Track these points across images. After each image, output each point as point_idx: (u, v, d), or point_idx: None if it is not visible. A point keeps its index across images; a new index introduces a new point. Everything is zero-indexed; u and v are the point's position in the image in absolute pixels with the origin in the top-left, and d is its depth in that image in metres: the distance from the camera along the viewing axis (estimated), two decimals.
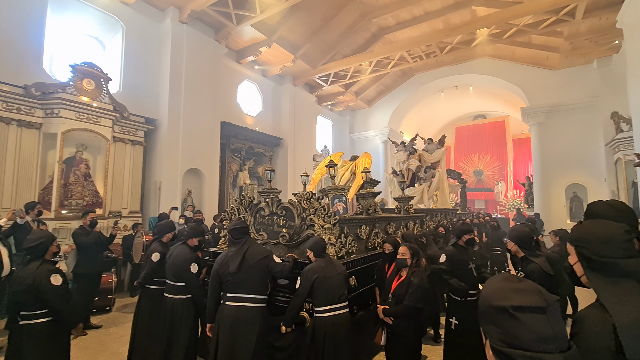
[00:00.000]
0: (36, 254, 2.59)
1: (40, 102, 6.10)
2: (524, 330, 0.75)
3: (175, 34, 8.44)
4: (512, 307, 0.76)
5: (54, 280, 2.51)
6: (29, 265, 2.55)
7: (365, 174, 5.20)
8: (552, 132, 11.83)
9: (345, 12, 10.55)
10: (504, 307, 0.78)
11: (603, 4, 8.36)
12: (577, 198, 11.55)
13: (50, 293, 2.47)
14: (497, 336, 0.78)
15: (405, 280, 2.88)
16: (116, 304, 5.67)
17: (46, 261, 2.62)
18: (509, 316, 0.77)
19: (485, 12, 9.98)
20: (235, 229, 2.91)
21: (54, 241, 2.73)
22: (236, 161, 10.69)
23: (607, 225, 1.19)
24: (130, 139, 7.58)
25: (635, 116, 7.63)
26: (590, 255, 1.14)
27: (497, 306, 0.79)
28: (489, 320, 0.81)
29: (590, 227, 1.21)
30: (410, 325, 2.85)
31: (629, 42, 7.72)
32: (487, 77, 13.34)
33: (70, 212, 6.23)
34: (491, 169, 19.76)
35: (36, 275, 2.46)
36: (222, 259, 2.83)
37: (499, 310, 0.79)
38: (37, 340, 2.47)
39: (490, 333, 0.81)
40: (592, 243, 1.15)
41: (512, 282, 0.84)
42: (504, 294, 0.80)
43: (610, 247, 1.11)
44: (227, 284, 2.75)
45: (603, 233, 1.15)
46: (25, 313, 2.48)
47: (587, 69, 11.16)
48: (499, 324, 0.79)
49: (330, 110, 15.84)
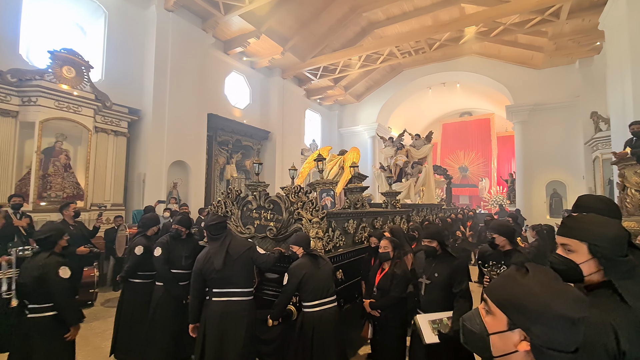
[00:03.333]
0: (45, 247, 2.53)
1: (17, 89, 5.83)
2: (574, 336, 0.76)
3: (161, 22, 8.19)
4: (579, 319, 0.76)
5: (63, 273, 2.45)
6: (38, 256, 2.49)
7: (354, 168, 5.22)
8: (535, 130, 12.14)
9: (335, 5, 10.46)
10: (570, 317, 0.76)
11: (586, 5, 8.57)
12: (556, 195, 11.93)
13: (57, 286, 2.41)
14: (545, 338, 0.77)
15: (389, 272, 2.93)
16: (99, 299, 5.55)
17: (55, 253, 2.56)
18: (570, 324, 0.76)
19: (473, 9, 10.08)
20: (213, 225, 2.82)
21: (64, 235, 2.67)
22: (223, 154, 10.54)
23: (612, 222, 1.18)
24: (113, 130, 7.36)
25: (613, 116, 7.91)
26: (612, 255, 1.11)
27: (562, 314, 0.76)
28: (541, 322, 0.77)
29: (601, 226, 1.16)
30: (397, 315, 2.92)
31: (610, 44, 7.96)
32: (473, 74, 13.53)
33: (50, 204, 6.03)
34: (476, 166, 20.17)
35: (44, 266, 2.40)
36: (204, 256, 2.76)
37: (560, 317, 0.76)
38: (44, 334, 2.41)
39: (537, 333, 0.78)
40: (611, 242, 1.12)
41: (564, 286, 0.82)
42: (570, 304, 0.77)
43: (622, 245, 1.12)
44: (213, 280, 2.70)
45: (615, 232, 1.14)
46: (33, 306, 2.42)
47: (569, 69, 11.46)
48: (552, 328, 0.76)
49: (319, 104, 15.78)
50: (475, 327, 0.88)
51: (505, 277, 0.89)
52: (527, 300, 0.79)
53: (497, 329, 0.83)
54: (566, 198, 11.62)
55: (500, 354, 0.83)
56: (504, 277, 0.89)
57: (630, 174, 4.74)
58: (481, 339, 0.86)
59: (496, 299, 0.85)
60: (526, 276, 0.84)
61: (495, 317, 0.84)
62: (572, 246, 1.16)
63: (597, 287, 1.15)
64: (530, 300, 0.79)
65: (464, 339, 0.91)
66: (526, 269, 0.86)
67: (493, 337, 0.84)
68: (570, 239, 1.17)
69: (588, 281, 1.15)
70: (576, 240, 1.15)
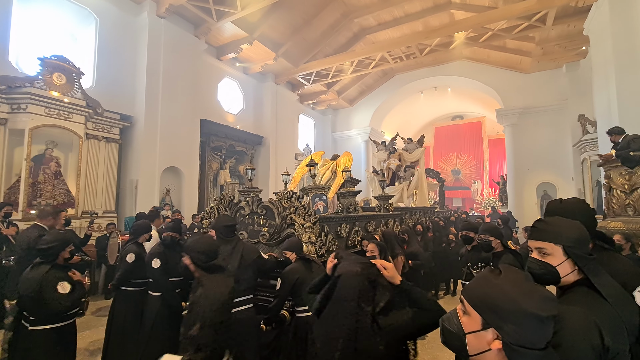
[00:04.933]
0: (47, 257, 2.43)
1: (6, 96, 5.78)
2: (544, 333, 0.79)
3: (153, 29, 8.19)
4: (548, 317, 0.78)
5: (61, 289, 2.36)
6: (38, 269, 2.39)
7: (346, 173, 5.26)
8: (525, 133, 12.34)
9: (327, 11, 10.58)
10: (539, 316, 0.78)
11: (571, 11, 8.80)
12: (547, 196, 12.10)
13: (54, 302, 2.32)
14: (515, 336, 0.79)
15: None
16: (90, 307, 5.46)
17: (57, 266, 2.46)
18: (539, 322, 0.78)
19: (462, 16, 10.28)
20: (228, 226, 2.71)
21: (68, 246, 2.56)
22: (217, 160, 10.51)
23: (576, 224, 1.20)
24: (105, 136, 7.31)
25: (600, 119, 8.10)
26: (584, 255, 1.15)
27: (531, 313, 0.78)
28: (512, 320, 0.79)
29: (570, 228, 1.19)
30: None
31: (595, 48, 8.18)
32: (464, 79, 13.74)
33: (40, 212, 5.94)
34: (468, 168, 20.37)
35: (41, 281, 2.31)
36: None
37: (530, 315, 0.78)
38: (45, 347, 2.33)
39: (508, 332, 0.80)
40: (581, 243, 1.16)
41: (534, 286, 0.84)
42: (539, 303, 0.79)
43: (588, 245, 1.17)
44: None
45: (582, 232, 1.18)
46: (35, 319, 2.35)
47: (557, 73, 11.70)
48: (522, 327, 0.79)
49: (312, 109, 15.85)
50: (453, 327, 0.90)
51: (479, 278, 0.92)
52: (499, 300, 0.82)
53: (472, 329, 0.86)
54: None
55: (475, 352, 0.85)
56: (479, 278, 0.92)
57: (616, 175, 4.86)
58: (458, 338, 0.88)
59: (471, 299, 0.87)
60: (499, 277, 0.87)
61: (471, 317, 0.86)
62: (548, 249, 1.19)
63: (571, 286, 1.18)
64: (502, 300, 0.81)
65: (443, 338, 0.94)
66: (499, 270, 0.89)
67: (469, 337, 0.86)
68: (546, 242, 1.19)
69: (564, 282, 1.19)
70: (551, 244, 1.18)
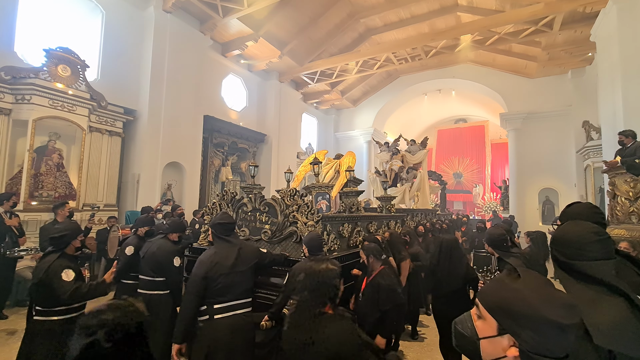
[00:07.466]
0: (57, 246, 2.48)
1: (11, 86, 5.77)
2: (564, 342, 0.75)
3: (158, 23, 8.18)
4: (569, 325, 0.74)
5: (65, 276, 2.37)
6: (47, 257, 2.44)
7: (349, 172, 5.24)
8: (528, 138, 12.30)
9: (334, 10, 10.56)
10: (560, 324, 0.74)
11: (579, 17, 8.76)
12: (549, 202, 12.08)
13: (59, 289, 2.33)
14: (533, 344, 0.75)
15: (374, 282, 2.91)
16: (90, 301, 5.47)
17: (65, 255, 2.50)
18: (560, 331, 0.74)
19: (469, 18, 10.24)
20: (223, 224, 2.57)
21: (79, 235, 2.61)
22: (219, 156, 10.51)
23: (578, 226, 1.18)
24: (108, 130, 7.30)
25: (604, 125, 8.05)
26: (558, 256, 1.14)
27: (552, 320, 0.74)
28: (530, 327, 0.76)
29: (563, 229, 1.20)
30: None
31: (601, 55, 8.13)
32: (468, 82, 13.70)
33: (41, 203, 5.94)
34: (470, 172, 20.34)
35: (49, 269, 2.34)
36: (210, 258, 2.42)
37: (550, 323, 0.75)
38: (50, 338, 2.32)
39: (525, 339, 0.76)
40: (562, 244, 1.15)
41: (555, 292, 0.80)
42: (561, 310, 0.75)
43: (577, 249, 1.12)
44: (217, 289, 2.34)
45: (572, 235, 1.15)
46: (39, 309, 2.36)
47: (562, 79, 11.66)
48: (542, 334, 0.75)
49: (315, 108, 15.83)
50: (466, 331, 0.88)
51: (496, 281, 0.89)
52: (517, 306, 0.78)
53: (487, 334, 0.83)
54: (558, 205, 11.75)
55: (489, 358, 0.83)
56: (495, 281, 0.89)
57: (621, 182, 4.82)
58: (471, 342, 0.86)
59: (487, 304, 0.84)
60: (517, 281, 0.83)
61: (486, 322, 0.83)
62: None
63: None
64: (520, 306, 0.78)
65: (455, 341, 0.92)
66: (518, 273, 0.85)
67: (483, 342, 0.83)
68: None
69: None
70: None
